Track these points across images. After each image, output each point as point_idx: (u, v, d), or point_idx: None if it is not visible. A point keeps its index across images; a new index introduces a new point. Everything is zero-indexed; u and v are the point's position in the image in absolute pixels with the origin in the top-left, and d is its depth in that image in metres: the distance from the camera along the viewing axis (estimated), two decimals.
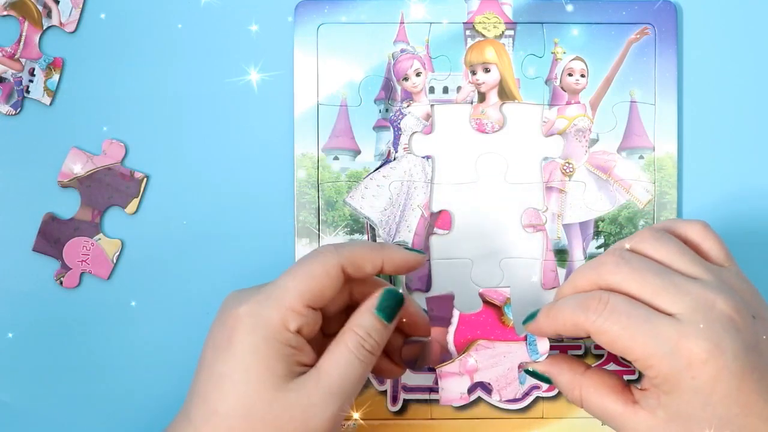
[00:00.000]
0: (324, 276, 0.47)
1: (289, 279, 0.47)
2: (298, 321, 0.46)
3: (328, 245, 0.48)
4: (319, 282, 0.47)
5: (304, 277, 0.47)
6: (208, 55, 0.57)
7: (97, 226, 0.57)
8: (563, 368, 0.50)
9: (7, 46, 0.56)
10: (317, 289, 0.47)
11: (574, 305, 0.47)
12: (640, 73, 0.57)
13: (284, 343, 0.46)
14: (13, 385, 0.57)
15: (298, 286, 0.46)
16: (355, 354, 0.47)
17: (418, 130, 0.57)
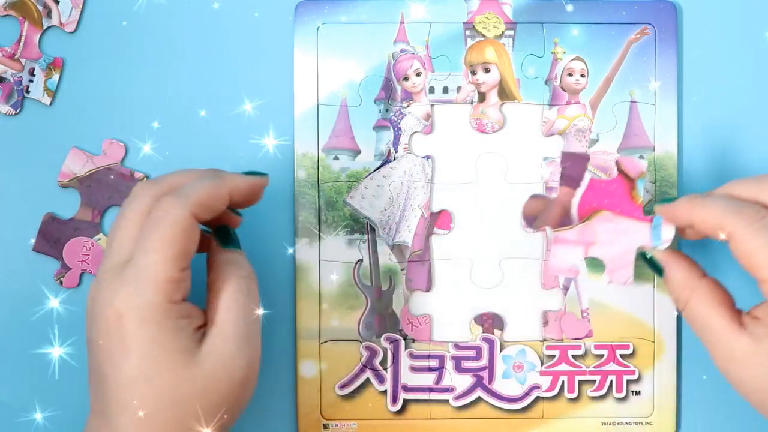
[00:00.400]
0: (182, 234, 0.45)
1: (150, 253, 0.45)
2: (180, 290, 0.45)
3: (167, 197, 0.46)
4: (181, 242, 0.45)
5: (167, 244, 0.45)
6: (207, 54, 0.57)
7: (97, 226, 0.57)
8: (682, 265, 0.48)
9: (7, 46, 0.56)
10: (181, 250, 0.45)
11: (727, 204, 0.45)
12: (640, 73, 0.57)
13: (177, 318, 0.45)
14: (13, 385, 0.57)
15: (164, 257, 0.45)
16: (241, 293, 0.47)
17: (418, 130, 0.57)
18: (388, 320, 0.57)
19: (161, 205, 0.45)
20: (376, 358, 0.57)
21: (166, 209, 0.45)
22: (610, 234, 0.50)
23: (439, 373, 0.57)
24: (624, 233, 0.50)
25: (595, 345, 0.57)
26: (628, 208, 0.50)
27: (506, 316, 0.57)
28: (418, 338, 0.57)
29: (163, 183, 0.47)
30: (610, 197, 0.50)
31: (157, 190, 0.47)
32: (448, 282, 0.57)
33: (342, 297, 0.56)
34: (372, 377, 0.57)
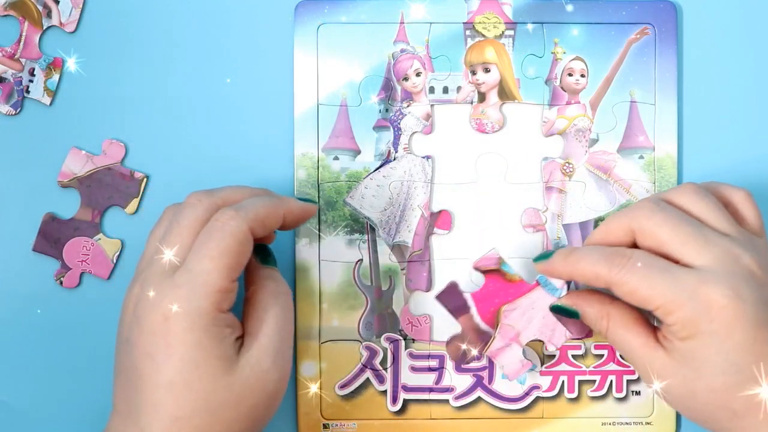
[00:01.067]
0: (238, 247, 0.46)
1: (206, 261, 0.46)
2: (228, 299, 0.46)
3: (227, 209, 0.47)
4: (236, 254, 0.46)
5: (221, 254, 0.46)
6: (208, 54, 0.57)
7: (97, 226, 0.57)
8: (591, 299, 0.51)
9: (7, 46, 0.56)
10: (236, 261, 0.46)
11: (597, 256, 0.48)
12: (640, 73, 0.57)
13: (222, 326, 0.46)
14: (13, 385, 0.57)
15: (218, 266, 0.46)
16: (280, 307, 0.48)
17: (418, 130, 0.57)
18: (388, 320, 0.57)
19: (221, 216, 0.47)
20: (376, 358, 0.57)
21: (225, 221, 0.46)
22: (522, 318, 0.53)
23: (439, 373, 0.57)
24: (530, 308, 0.53)
25: (595, 345, 0.57)
26: (515, 290, 0.53)
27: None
28: (418, 338, 0.57)
29: (217, 196, 0.49)
30: (496, 295, 0.53)
31: (211, 201, 0.48)
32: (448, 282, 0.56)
33: (342, 297, 0.56)
34: (372, 377, 0.57)
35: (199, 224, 0.47)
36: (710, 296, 0.45)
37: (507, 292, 0.53)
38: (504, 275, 0.53)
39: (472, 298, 0.53)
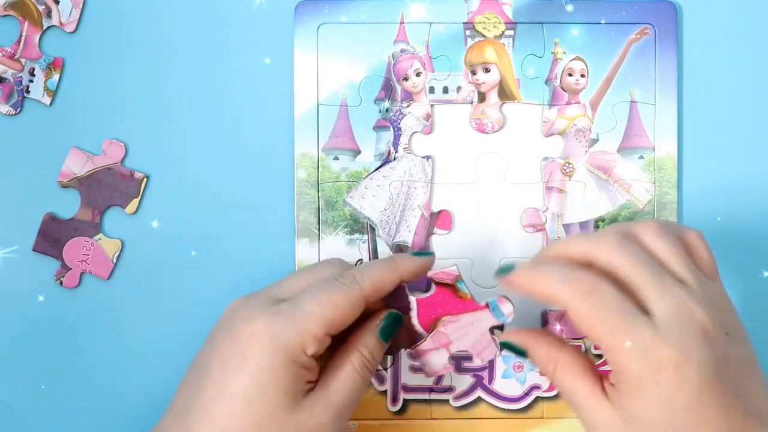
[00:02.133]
0: (347, 307, 0.47)
1: (313, 304, 0.47)
2: (316, 347, 0.47)
3: (348, 274, 0.48)
4: (341, 313, 0.47)
5: (329, 305, 0.47)
6: (207, 55, 0.57)
7: (97, 226, 0.57)
8: (540, 342, 0.49)
9: (7, 46, 0.56)
10: (339, 319, 0.47)
11: (561, 278, 0.46)
12: (640, 73, 0.57)
13: (300, 366, 0.46)
14: (13, 385, 0.57)
15: (322, 313, 0.47)
16: (359, 373, 0.48)
17: (418, 130, 0.57)
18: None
19: (341, 277, 0.48)
20: None
21: (344, 280, 0.48)
22: (459, 330, 0.52)
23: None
24: (471, 324, 0.52)
25: (595, 345, 0.57)
26: (461, 306, 0.52)
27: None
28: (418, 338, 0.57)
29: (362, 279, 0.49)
30: (441, 306, 0.52)
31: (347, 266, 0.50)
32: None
33: None
34: (372, 377, 0.57)
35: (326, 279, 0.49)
36: (661, 356, 0.44)
37: (452, 306, 0.52)
38: (456, 291, 0.52)
39: (416, 302, 0.52)
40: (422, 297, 0.52)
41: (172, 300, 0.57)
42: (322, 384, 0.48)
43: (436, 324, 0.52)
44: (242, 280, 0.52)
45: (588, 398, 0.47)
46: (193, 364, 0.48)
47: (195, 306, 0.56)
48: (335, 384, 0.48)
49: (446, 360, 0.53)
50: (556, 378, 0.48)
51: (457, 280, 0.52)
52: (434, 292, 0.52)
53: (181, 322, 0.56)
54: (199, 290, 0.57)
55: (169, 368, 0.55)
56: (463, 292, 0.52)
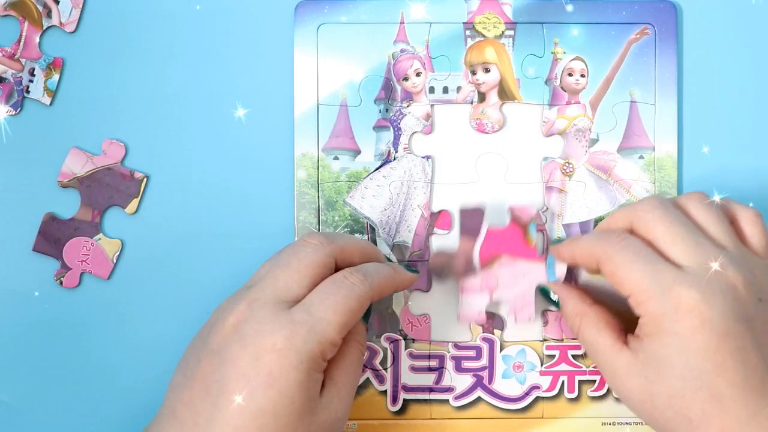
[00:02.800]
0: (359, 309, 0.49)
1: (329, 312, 0.47)
2: (333, 351, 0.48)
3: (356, 272, 0.49)
4: (354, 315, 0.48)
5: (344, 311, 0.48)
6: (207, 55, 0.57)
7: (97, 226, 0.57)
8: (573, 295, 0.52)
9: (7, 46, 0.56)
10: (352, 321, 0.48)
11: (595, 238, 0.50)
12: (640, 73, 0.57)
13: (319, 372, 0.47)
14: (13, 385, 0.57)
15: (339, 321, 0.47)
16: (359, 361, 0.50)
17: (418, 130, 0.57)
18: (388, 320, 0.57)
19: (351, 276, 0.49)
20: (376, 358, 0.57)
21: (355, 282, 0.49)
22: (511, 277, 0.55)
23: (439, 373, 0.57)
24: (523, 275, 0.55)
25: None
26: (524, 251, 0.55)
27: (506, 316, 0.57)
28: (418, 338, 0.57)
29: (337, 244, 0.50)
30: (506, 243, 0.55)
31: (332, 249, 0.50)
32: (448, 282, 0.57)
33: None
34: (372, 377, 0.57)
35: (317, 267, 0.49)
36: (681, 296, 0.45)
37: (515, 248, 0.54)
38: (525, 233, 0.54)
39: (487, 232, 0.53)
40: (495, 228, 0.54)
41: (172, 300, 0.57)
42: (330, 379, 0.49)
43: (493, 262, 0.54)
44: (242, 280, 0.52)
45: (609, 348, 0.49)
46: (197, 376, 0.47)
47: (195, 306, 0.56)
48: (342, 377, 0.49)
49: (484, 308, 0.54)
50: (582, 330, 0.50)
51: (531, 221, 0.54)
52: (507, 228, 0.54)
53: (181, 322, 0.56)
54: (199, 290, 0.57)
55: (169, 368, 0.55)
56: (531, 237, 0.54)
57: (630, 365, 0.48)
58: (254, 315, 0.47)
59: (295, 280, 0.48)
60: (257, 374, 0.45)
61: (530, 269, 0.54)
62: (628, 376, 0.48)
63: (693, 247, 0.47)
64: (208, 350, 0.47)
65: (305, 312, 0.47)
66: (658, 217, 0.48)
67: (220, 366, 0.46)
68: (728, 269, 0.46)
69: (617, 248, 0.48)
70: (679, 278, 0.46)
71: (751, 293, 0.46)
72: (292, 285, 0.48)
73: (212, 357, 0.47)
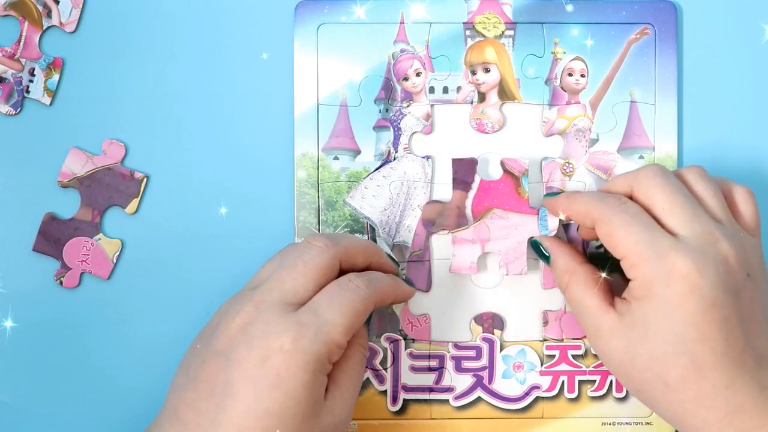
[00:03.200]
0: (364, 314, 0.49)
1: (336, 314, 0.47)
2: (339, 354, 0.48)
3: (361, 277, 0.50)
4: (360, 319, 0.49)
5: (351, 314, 0.48)
6: (207, 55, 0.57)
7: (97, 226, 0.57)
8: (565, 251, 0.53)
9: (7, 46, 0.56)
10: (357, 325, 0.49)
11: (595, 197, 0.50)
12: (640, 73, 0.57)
13: (325, 374, 0.47)
14: (13, 385, 0.57)
15: (345, 323, 0.47)
16: (362, 364, 0.51)
17: (418, 130, 0.57)
18: (388, 320, 0.57)
19: (356, 280, 0.49)
20: (376, 358, 0.57)
21: (361, 286, 0.49)
22: (503, 229, 0.55)
23: (439, 373, 0.57)
24: (515, 227, 0.55)
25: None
26: (516, 203, 0.55)
27: (506, 316, 0.57)
28: (418, 338, 0.57)
29: (341, 246, 0.50)
30: (499, 196, 0.55)
31: (337, 251, 0.50)
32: (448, 282, 0.57)
33: None
34: (372, 377, 0.57)
35: (323, 270, 0.49)
36: (674, 263, 0.46)
37: (508, 201, 0.54)
38: (518, 186, 0.54)
39: (480, 184, 0.54)
40: (487, 180, 0.54)
41: (172, 300, 0.57)
42: (333, 381, 0.49)
43: (485, 215, 0.54)
44: (242, 280, 0.52)
45: (596, 308, 0.49)
46: (201, 377, 0.47)
47: (195, 306, 0.56)
48: (345, 381, 0.49)
49: (476, 259, 0.54)
50: (570, 289, 0.51)
51: (524, 174, 0.54)
52: (499, 179, 0.54)
53: (181, 322, 0.56)
54: (200, 290, 0.57)
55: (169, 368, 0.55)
56: (524, 190, 0.54)
57: (614, 326, 0.48)
58: (261, 316, 0.47)
59: (301, 282, 0.48)
60: (264, 375, 0.45)
61: (522, 222, 0.54)
62: (611, 336, 0.48)
63: (690, 218, 0.47)
64: (213, 351, 0.47)
65: (312, 314, 0.47)
66: (659, 184, 0.49)
67: (225, 367, 0.46)
68: (722, 242, 0.47)
69: (616, 210, 0.48)
70: (674, 246, 0.46)
71: (740, 267, 0.47)
72: (299, 287, 0.48)
73: (217, 358, 0.47)
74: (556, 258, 0.53)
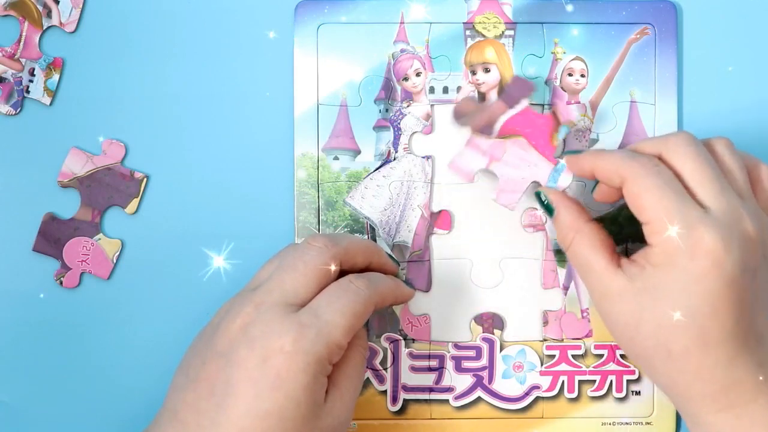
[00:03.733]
0: (364, 314, 0.49)
1: (337, 315, 0.47)
2: (340, 355, 0.48)
3: (362, 278, 0.50)
4: (360, 320, 0.49)
5: (351, 315, 0.48)
6: (207, 55, 0.57)
7: (97, 226, 0.57)
8: (570, 207, 0.51)
9: (7, 46, 0.56)
10: (358, 326, 0.49)
11: (626, 155, 0.48)
12: (640, 73, 0.57)
13: (325, 375, 0.47)
14: (13, 385, 0.57)
15: (345, 324, 0.47)
16: (362, 366, 0.50)
17: (418, 130, 0.57)
18: (388, 320, 0.57)
19: (356, 281, 0.49)
20: (376, 358, 0.57)
21: (361, 287, 0.49)
22: (517, 159, 0.54)
23: (439, 373, 0.57)
24: (528, 164, 0.53)
25: (595, 345, 0.57)
26: (543, 144, 0.53)
27: (506, 316, 0.57)
28: (418, 338, 0.57)
29: (341, 246, 0.50)
30: (533, 128, 0.53)
31: (337, 251, 0.50)
32: (448, 282, 0.57)
33: None
34: (372, 377, 0.57)
35: (323, 271, 0.49)
36: (703, 236, 0.45)
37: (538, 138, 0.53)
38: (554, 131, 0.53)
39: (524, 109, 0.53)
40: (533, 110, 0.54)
41: (172, 300, 0.57)
42: (333, 383, 0.48)
43: (510, 137, 0.53)
44: (243, 280, 0.52)
45: (604, 270, 0.48)
46: (201, 377, 0.47)
47: (195, 306, 0.56)
48: (345, 382, 0.49)
49: (477, 170, 0.54)
50: (575, 246, 0.50)
51: (567, 123, 0.54)
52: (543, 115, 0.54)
53: (181, 322, 0.56)
54: (199, 290, 0.57)
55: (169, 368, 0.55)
56: (557, 137, 0.53)
57: (624, 289, 0.47)
58: (262, 317, 0.47)
59: (301, 283, 0.48)
60: (264, 376, 0.45)
61: (538, 162, 0.53)
62: (619, 299, 0.47)
63: (718, 192, 0.47)
64: (214, 352, 0.47)
65: (313, 315, 0.47)
66: (690, 153, 0.48)
67: (226, 368, 0.46)
68: (746, 220, 0.46)
69: (649, 172, 0.47)
70: (703, 219, 0.46)
71: (759, 248, 0.47)
72: (299, 288, 0.48)
73: (218, 358, 0.47)
74: (559, 213, 0.51)
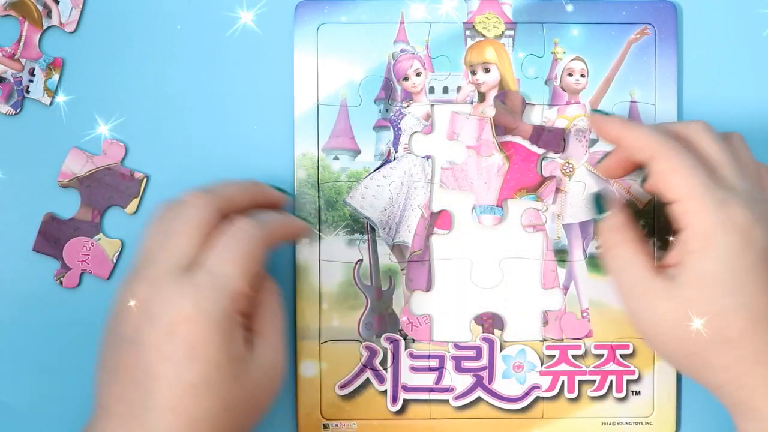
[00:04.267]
0: (259, 254, 0.48)
1: (229, 265, 0.46)
2: (246, 303, 0.47)
3: (246, 219, 0.48)
4: (256, 261, 0.47)
5: (244, 260, 0.47)
6: (208, 55, 0.57)
7: (97, 226, 0.57)
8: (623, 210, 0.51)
9: (7, 46, 0.56)
10: (255, 268, 0.47)
11: (659, 129, 0.48)
12: (640, 73, 0.57)
13: (239, 328, 0.46)
14: (13, 385, 0.57)
15: (241, 271, 0.46)
16: (278, 302, 0.50)
17: (418, 130, 0.57)
18: (388, 320, 0.57)
19: (241, 223, 0.47)
20: (376, 358, 0.57)
21: (247, 228, 0.47)
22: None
23: (439, 373, 0.57)
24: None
25: (595, 345, 0.57)
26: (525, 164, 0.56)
27: (506, 316, 0.57)
28: (418, 338, 0.57)
29: (218, 195, 0.49)
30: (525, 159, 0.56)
31: (217, 202, 0.48)
32: (448, 282, 0.57)
33: (342, 297, 0.56)
34: (372, 377, 0.57)
35: (206, 225, 0.48)
36: (735, 213, 0.45)
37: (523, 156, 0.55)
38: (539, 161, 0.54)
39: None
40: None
41: None
42: (254, 331, 0.48)
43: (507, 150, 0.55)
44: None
45: (644, 270, 0.48)
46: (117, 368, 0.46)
47: None
48: (266, 327, 0.48)
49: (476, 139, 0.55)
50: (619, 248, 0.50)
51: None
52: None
53: None
54: None
55: None
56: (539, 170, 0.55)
57: (666, 287, 0.47)
58: (156, 292, 0.46)
59: (185, 243, 0.47)
60: (177, 350, 0.45)
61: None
62: (663, 297, 0.47)
63: (740, 173, 0.47)
64: (123, 340, 0.46)
65: (205, 272, 0.46)
66: (712, 138, 0.48)
67: (139, 353, 0.45)
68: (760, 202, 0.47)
69: (678, 150, 0.47)
70: (733, 198, 0.46)
71: None
72: (185, 249, 0.47)
73: (129, 346, 0.46)
74: (615, 214, 0.51)
